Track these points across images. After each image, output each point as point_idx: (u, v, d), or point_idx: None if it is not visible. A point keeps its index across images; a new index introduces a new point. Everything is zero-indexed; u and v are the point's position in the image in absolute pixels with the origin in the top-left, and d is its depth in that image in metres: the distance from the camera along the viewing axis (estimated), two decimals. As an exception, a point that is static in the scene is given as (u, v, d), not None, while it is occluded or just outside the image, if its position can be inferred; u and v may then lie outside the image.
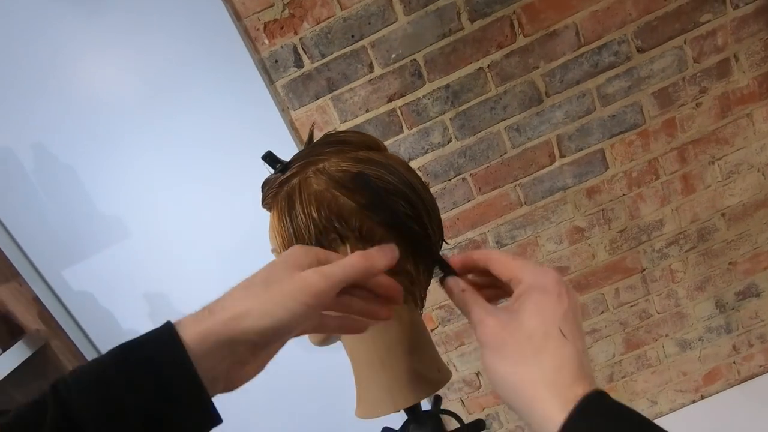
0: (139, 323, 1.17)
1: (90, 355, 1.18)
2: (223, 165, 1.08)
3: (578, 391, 0.27)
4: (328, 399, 1.22)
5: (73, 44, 1.02)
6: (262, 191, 0.48)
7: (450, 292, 0.37)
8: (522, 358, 0.29)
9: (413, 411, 0.51)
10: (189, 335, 0.28)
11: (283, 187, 0.45)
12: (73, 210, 1.09)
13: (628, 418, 0.26)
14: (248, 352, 0.30)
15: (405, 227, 0.41)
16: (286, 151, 0.48)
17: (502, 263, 0.34)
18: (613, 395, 0.27)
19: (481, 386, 1.33)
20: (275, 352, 0.34)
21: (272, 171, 0.47)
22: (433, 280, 0.47)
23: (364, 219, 0.41)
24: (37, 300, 1.11)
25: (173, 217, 1.10)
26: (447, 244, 0.37)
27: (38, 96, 1.04)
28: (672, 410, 1.37)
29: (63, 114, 1.04)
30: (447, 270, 0.38)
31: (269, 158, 0.46)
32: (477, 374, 1.32)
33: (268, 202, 0.47)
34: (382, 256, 0.35)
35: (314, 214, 0.41)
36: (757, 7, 1.09)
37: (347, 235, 0.41)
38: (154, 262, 1.13)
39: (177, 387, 0.27)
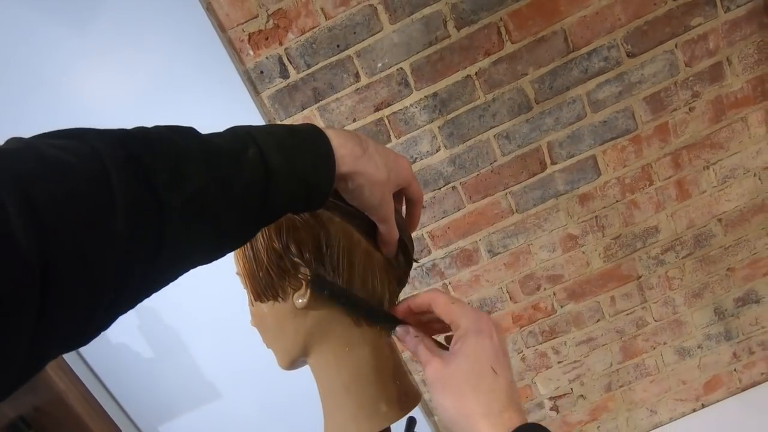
0: (128, 337, 1.16)
1: (79, 370, 1.17)
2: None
3: (506, 415, 0.33)
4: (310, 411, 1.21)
5: (60, 55, 1.02)
6: None
7: (402, 340, 0.41)
8: (462, 394, 0.34)
9: (385, 436, 0.50)
10: (333, 138, 0.35)
11: None
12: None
13: None
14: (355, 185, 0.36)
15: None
16: None
17: (442, 308, 0.39)
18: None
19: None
20: None
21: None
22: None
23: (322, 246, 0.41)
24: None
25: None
26: (416, 262, 0.36)
27: (25, 106, 1.04)
28: (672, 419, 1.35)
29: (50, 125, 1.04)
30: (393, 322, 0.42)
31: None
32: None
33: None
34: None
35: (273, 237, 0.40)
36: (748, 10, 1.07)
37: (302, 263, 0.40)
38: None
39: (324, 160, 0.34)
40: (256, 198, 0.31)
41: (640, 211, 1.18)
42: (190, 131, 0.30)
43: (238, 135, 0.31)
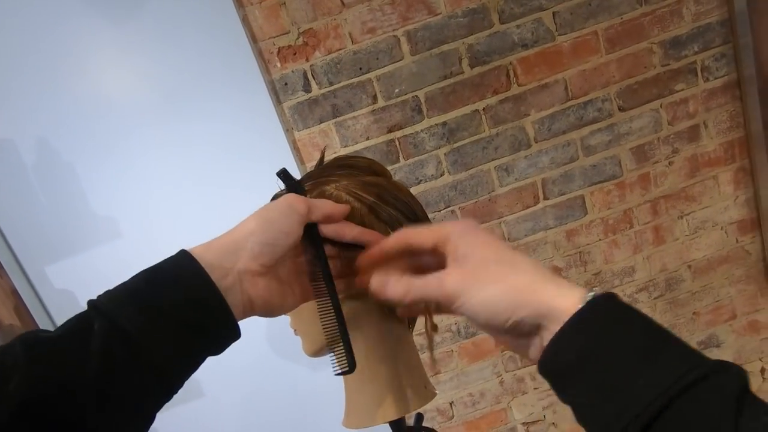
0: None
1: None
2: (222, 176, 1.11)
3: (565, 282, 0.29)
4: (320, 412, 1.22)
5: (88, 45, 1.05)
6: None
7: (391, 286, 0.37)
8: (504, 275, 0.30)
9: (398, 425, 0.54)
10: (196, 250, 0.34)
11: None
12: (66, 207, 1.10)
13: (641, 315, 0.27)
14: (252, 258, 0.35)
15: None
16: (287, 167, 0.52)
17: (420, 235, 0.35)
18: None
19: (453, 416, 1.34)
20: (280, 275, 0.39)
21: (284, 186, 0.50)
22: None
23: None
24: (15, 293, 1.09)
25: (167, 222, 1.12)
26: None
27: (45, 91, 1.06)
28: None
29: (72, 112, 1.06)
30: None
31: (284, 175, 0.50)
32: (450, 404, 1.33)
33: None
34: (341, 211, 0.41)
35: None
36: (724, 82, 1.21)
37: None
38: (142, 266, 1.13)
39: (199, 294, 0.32)
40: (125, 372, 0.29)
41: (619, 250, 1.28)
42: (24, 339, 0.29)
43: (79, 317, 0.30)
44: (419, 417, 0.61)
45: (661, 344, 0.26)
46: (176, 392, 0.33)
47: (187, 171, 1.11)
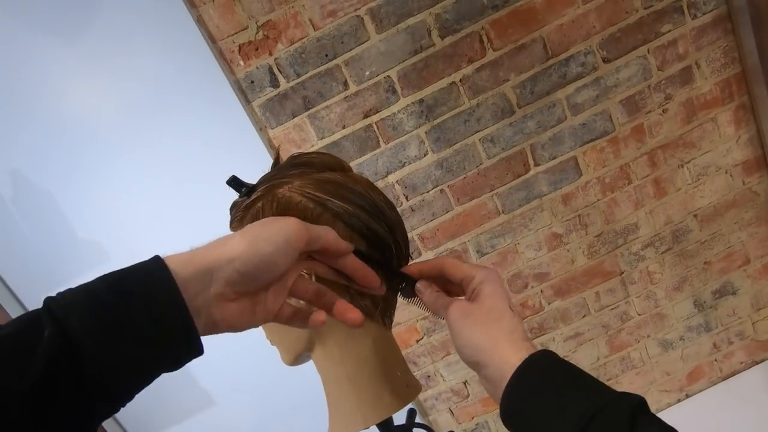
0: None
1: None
2: (201, 186, 1.09)
3: (527, 344, 0.37)
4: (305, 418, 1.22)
5: (49, 70, 1.02)
6: (230, 214, 0.49)
7: (421, 293, 0.43)
8: (487, 325, 0.38)
9: (386, 426, 0.52)
10: (173, 261, 0.31)
11: (248, 210, 0.46)
12: (51, 235, 1.09)
13: (571, 366, 0.35)
14: (228, 285, 0.33)
15: (365, 248, 0.43)
16: (264, 169, 0.50)
17: (455, 267, 0.42)
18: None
19: (469, 395, 1.33)
20: (254, 298, 0.36)
21: (239, 194, 0.48)
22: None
23: None
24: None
25: (153, 241, 1.10)
26: (413, 260, 0.38)
27: (15, 122, 1.04)
28: (658, 411, 1.39)
29: (40, 140, 1.05)
30: (411, 280, 0.44)
31: (234, 183, 0.47)
32: (464, 383, 1.32)
33: (234, 225, 0.48)
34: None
35: None
36: (714, 17, 1.13)
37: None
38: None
39: (166, 311, 0.30)
40: (68, 386, 0.27)
41: (620, 208, 1.23)
42: None
43: (30, 318, 0.28)
44: (411, 413, 0.59)
45: (578, 381, 0.33)
46: (123, 405, 0.30)
47: (167, 185, 1.09)
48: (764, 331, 1.35)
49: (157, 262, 0.31)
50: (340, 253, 0.39)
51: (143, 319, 0.29)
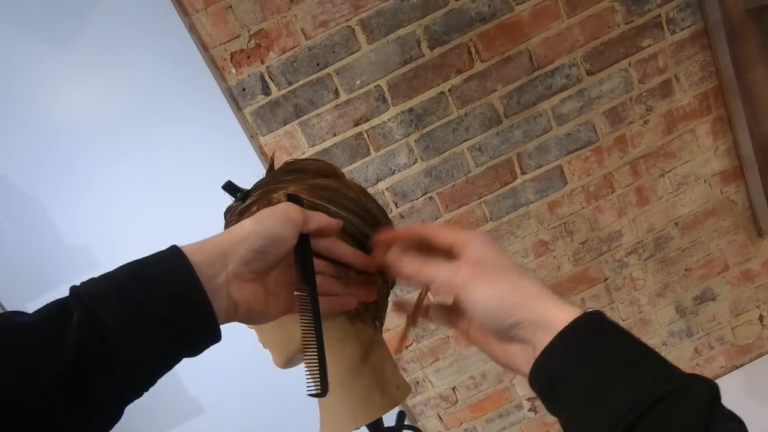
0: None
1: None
2: (192, 193, 1.09)
3: (564, 302, 0.31)
4: (294, 427, 1.22)
5: (40, 77, 1.02)
6: (224, 219, 0.50)
7: (403, 266, 0.39)
8: (513, 279, 0.32)
9: (376, 427, 0.53)
10: (188, 248, 0.33)
11: (243, 215, 0.47)
12: (38, 242, 1.08)
13: (632, 336, 0.30)
14: (243, 263, 0.35)
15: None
16: (256, 175, 0.51)
17: (442, 233, 0.37)
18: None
19: (457, 401, 1.34)
20: (266, 276, 0.38)
21: (234, 199, 0.49)
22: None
23: None
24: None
25: (143, 247, 1.10)
26: None
27: (5, 128, 1.03)
28: (642, 415, 1.41)
29: (30, 146, 1.04)
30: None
31: (229, 187, 0.48)
32: (453, 389, 1.33)
33: None
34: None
35: None
36: (692, 32, 1.18)
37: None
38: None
39: (183, 292, 0.31)
40: (98, 368, 0.28)
41: (604, 216, 1.27)
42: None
43: (59, 304, 0.29)
44: (401, 415, 0.60)
45: (641, 356, 0.28)
46: (147, 390, 0.32)
47: (158, 191, 1.09)
48: (743, 336, 1.39)
49: (172, 249, 0.33)
50: (332, 229, 0.40)
51: (163, 302, 0.30)
